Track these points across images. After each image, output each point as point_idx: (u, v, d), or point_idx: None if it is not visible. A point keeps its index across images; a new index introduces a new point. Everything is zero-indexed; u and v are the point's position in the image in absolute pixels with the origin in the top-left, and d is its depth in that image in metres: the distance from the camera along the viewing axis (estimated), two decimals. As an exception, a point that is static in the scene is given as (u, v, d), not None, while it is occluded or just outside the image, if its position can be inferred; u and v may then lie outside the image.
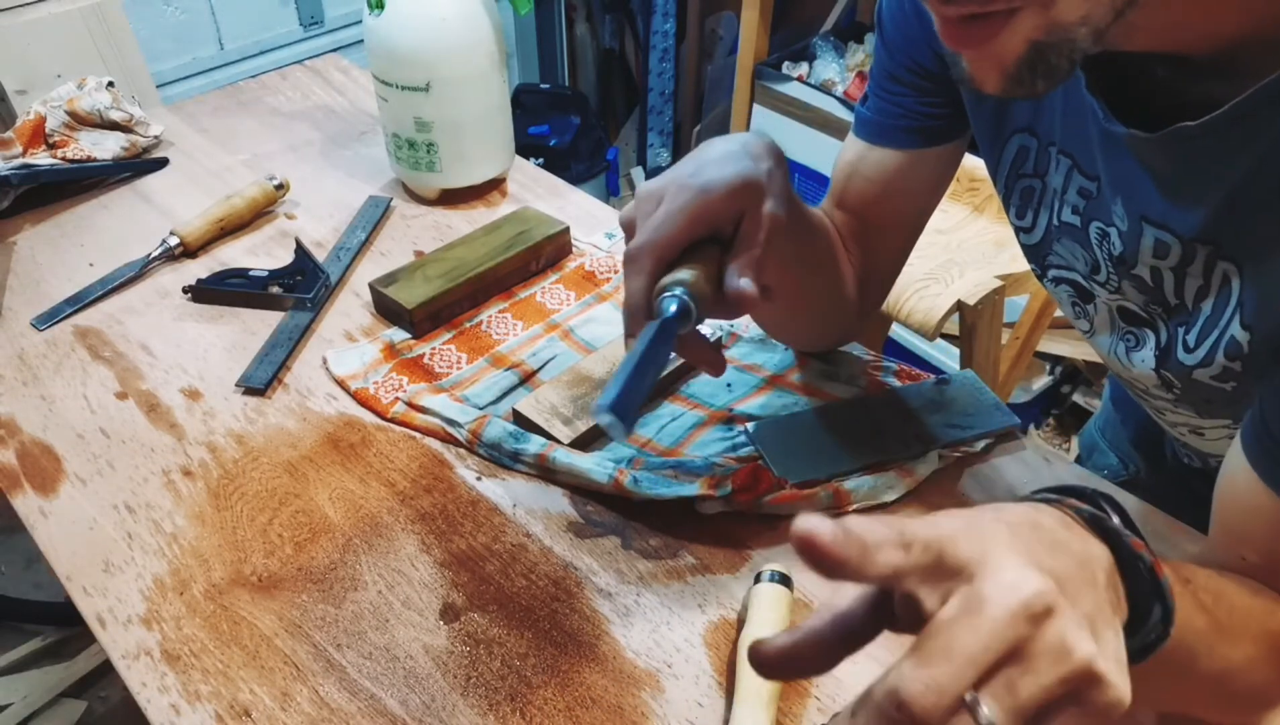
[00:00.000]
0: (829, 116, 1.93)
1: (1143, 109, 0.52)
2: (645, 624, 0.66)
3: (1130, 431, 0.93)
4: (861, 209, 0.76)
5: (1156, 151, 0.53)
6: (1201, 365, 0.57)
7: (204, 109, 1.30)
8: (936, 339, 1.38)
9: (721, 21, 2.53)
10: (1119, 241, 0.59)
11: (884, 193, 0.74)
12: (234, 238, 1.06)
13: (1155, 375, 0.62)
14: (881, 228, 0.77)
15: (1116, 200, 0.58)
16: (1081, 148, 0.59)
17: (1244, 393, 0.56)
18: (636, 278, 0.53)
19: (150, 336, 0.92)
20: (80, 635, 1.68)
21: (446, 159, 1.06)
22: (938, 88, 0.69)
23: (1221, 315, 0.55)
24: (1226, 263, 0.53)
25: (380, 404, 0.83)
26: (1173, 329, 0.59)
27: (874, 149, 0.73)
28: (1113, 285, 0.62)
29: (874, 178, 0.74)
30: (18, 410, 0.84)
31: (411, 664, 0.64)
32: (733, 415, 0.81)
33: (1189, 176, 0.52)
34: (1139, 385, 0.67)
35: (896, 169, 0.73)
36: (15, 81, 1.53)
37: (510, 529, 0.73)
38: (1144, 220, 0.56)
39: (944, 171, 0.75)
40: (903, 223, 0.78)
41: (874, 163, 0.73)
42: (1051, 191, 0.64)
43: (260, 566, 0.71)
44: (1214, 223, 0.53)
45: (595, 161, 2.58)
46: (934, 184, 0.75)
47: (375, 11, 0.99)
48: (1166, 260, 0.56)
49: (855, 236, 0.77)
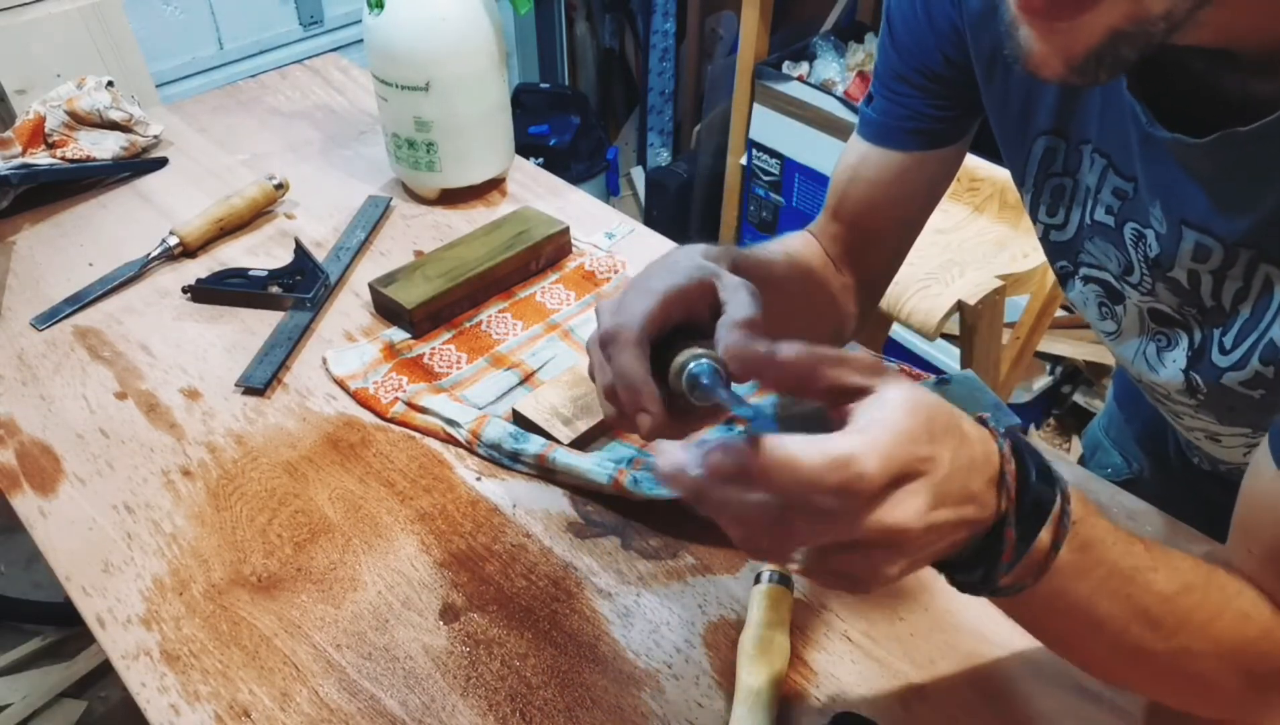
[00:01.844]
0: (829, 116, 1.92)
1: (1181, 107, 0.52)
2: (645, 624, 0.66)
3: (1135, 430, 0.93)
4: (859, 216, 0.76)
5: (1203, 157, 0.52)
6: (1235, 368, 0.57)
7: (204, 109, 1.30)
8: (937, 339, 1.37)
9: (721, 21, 2.53)
10: (1156, 244, 0.58)
11: (884, 196, 0.74)
12: (234, 237, 1.06)
13: (1183, 378, 0.62)
14: (878, 234, 0.77)
15: (1155, 202, 0.57)
16: (1119, 148, 0.59)
17: (1271, 402, 0.56)
18: (623, 352, 0.49)
19: (150, 336, 0.92)
20: (80, 635, 1.68)
21: (446, 159, 1.06)
22: (945, 90, 0.68)
23: (1261, 319, 0.54)
24: (1270, 266, 0.53)
25: (380, 404, 0.83)
26: (1207, 331, 0.59)
27: (876, 150, 0.73)
28: (1146, 286, 0.61)
29: (875, 180, 0.74)
30: (17, 410, 0.84)
31: (411, 664, 0.64)
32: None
33: (1236, 181, 0.52)
34: (1160, 390, 0.67)
35: (898, 171, 0.72)
36: (15, 81, 1.52)
37: (510, 529, 0.73)
38: (1184, 224, 0.56)
39: (943, 175, 0.75)
40: (899, 228, 0.78)
41: (875, 164, 0.73)
42: (1084, 189, 0.63)
43: (260, 566, 0.71)
44: (1260, 227, 0.52)
45: (595, 161, 2.58)
46: (932, 188, 0.75)
47: (375, 11, 0.99)
48: (1206, 264, 0.56)
49: (850, 250, 0.77)
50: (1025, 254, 1.43)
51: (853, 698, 0.62)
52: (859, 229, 0.76)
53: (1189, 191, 0.55)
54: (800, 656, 0.64)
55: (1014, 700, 0.61)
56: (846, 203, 0.76)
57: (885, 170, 0.73)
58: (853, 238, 0.77)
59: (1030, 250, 1.44)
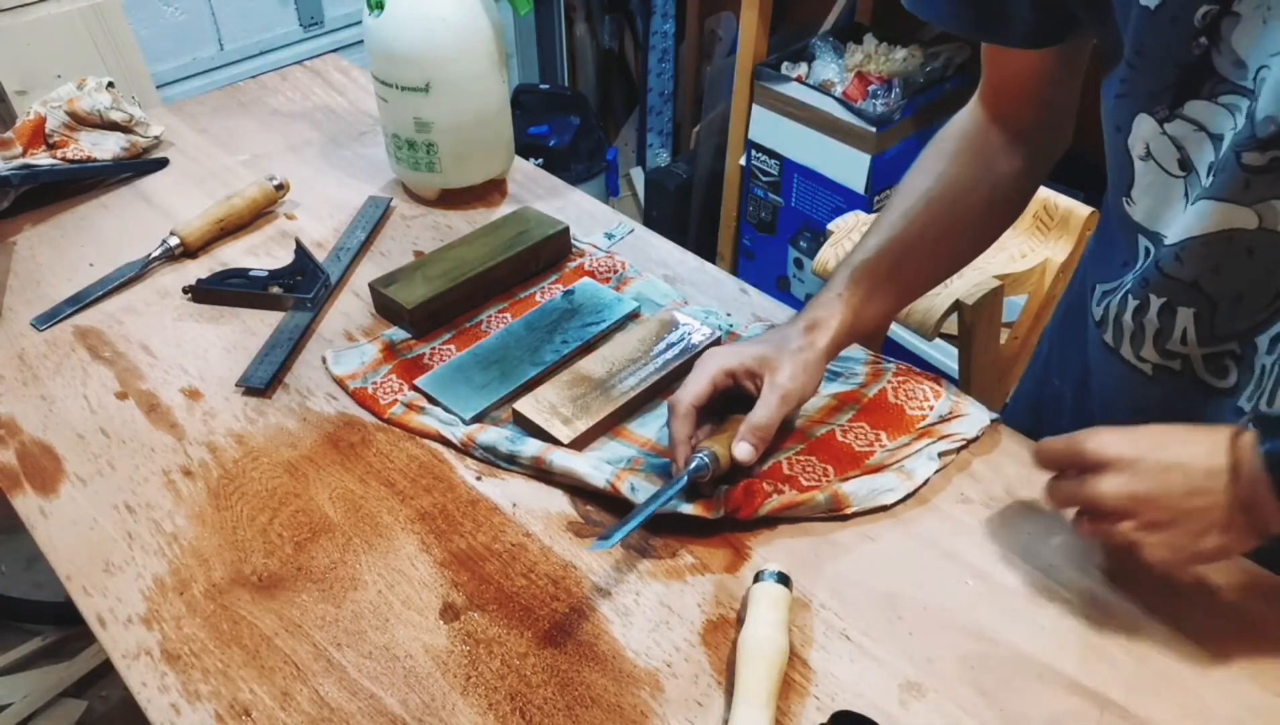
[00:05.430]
0: (828, 117, 1.92)
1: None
2: (645, 623, 0.67)
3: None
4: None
5: None
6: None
7: (204, 109, 1.30)
8: (935, 339, 1.38)
9: (720, 22, 2.53)
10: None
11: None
12: (234, 238, 1.06)
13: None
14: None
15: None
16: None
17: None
18: (674, 419, 0.74)
19: (150, 336, 0.92)
20: (80, 635, 1.68)
21: (446, 159, 1.06)
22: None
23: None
24: None
25: (378, 405, 0.83)
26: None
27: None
28: None
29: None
30: (18, 410, 0.84)
31: (411, 664, 0.64)
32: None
33: None
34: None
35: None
36: (15, 81, 1.53)
37: (510, 528, 0.73)
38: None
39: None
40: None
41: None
42: None
43: (260, 566, 0.71)
44: None
45: (595, 162, 2.58)
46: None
47: (375, 12, 0.99)
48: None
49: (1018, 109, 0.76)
50: (1023, 254, 1.44)
51: (851, 696, 0.62)
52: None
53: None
54: (799, 655, 0.64)
55: (1014, 700, 0.61)
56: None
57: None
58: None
59: (1028, 250, 1.44)
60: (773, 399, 0.73)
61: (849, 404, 0.82)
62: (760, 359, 0.74)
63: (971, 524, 0.73)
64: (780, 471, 0.76)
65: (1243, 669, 0.62)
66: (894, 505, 0.73)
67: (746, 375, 0.75)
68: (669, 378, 0.85)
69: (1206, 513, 0.58)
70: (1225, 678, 0.62)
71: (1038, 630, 0.65)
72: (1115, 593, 0.67)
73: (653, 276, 0.99)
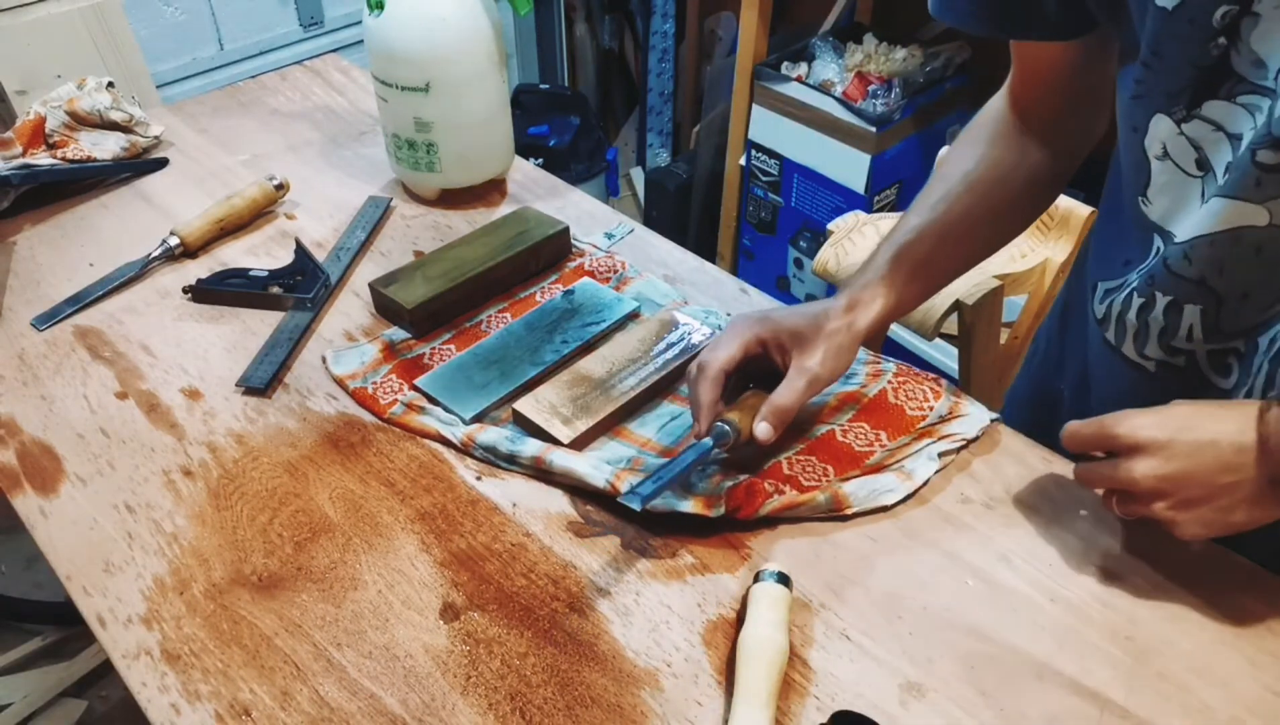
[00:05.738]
0: (828, 117, 1.92)
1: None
2: (645, 623, 0.67)
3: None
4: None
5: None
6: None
7: (204, 109, 1.30)
8: (935, 339, 1.38)
9: (720, 22, 2.53)
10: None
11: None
12: (234, 238, 1.06)
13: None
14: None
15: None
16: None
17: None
18: (700, 382, 0.72)
19: (150, 336, 0.92)
20: (80, 635, 1.69)
21: (446, 159, 1.07)
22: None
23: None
24: None
25: (378, 405, 0.84)
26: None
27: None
28: None
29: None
30: (18, 410, 0.84)
31: (411, 663, 0.64)
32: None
33: None
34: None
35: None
36: (15, 81, 1.53)
37: (510, 528, 0.73)
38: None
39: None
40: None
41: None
42: None
43: (260, 566, 0.71)
44: None
45: (595, 162, 2.58)
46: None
47: (375, 12, 0.99)
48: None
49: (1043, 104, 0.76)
50: (1023, 254, 1.44)
51: (851, 696, 0.62)
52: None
53: None
54: (799, 655, 0.64)
55: (1014, 700, 0.61)
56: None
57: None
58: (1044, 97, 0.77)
59: (1028, 250, 1.44)
60: (800, 382, 0.71)
61: (849, 404, 0.82)
62: (794, 334, 0.73)
63: (971, 524, 0.73)
64: (780, 471, 0.76)
65: (1242, 669, 0.62)
66: (894, 505, 0.73)
67: (777, 348, 0.73)
68: (669, 378, 0.85)
69: (1237, 488, 0.59)
70: (1225, 677, 0.62)
71: (1038, 630, 0.65)
72: (1115, 593, 0.67)
73: (653, 276, 0.99)
